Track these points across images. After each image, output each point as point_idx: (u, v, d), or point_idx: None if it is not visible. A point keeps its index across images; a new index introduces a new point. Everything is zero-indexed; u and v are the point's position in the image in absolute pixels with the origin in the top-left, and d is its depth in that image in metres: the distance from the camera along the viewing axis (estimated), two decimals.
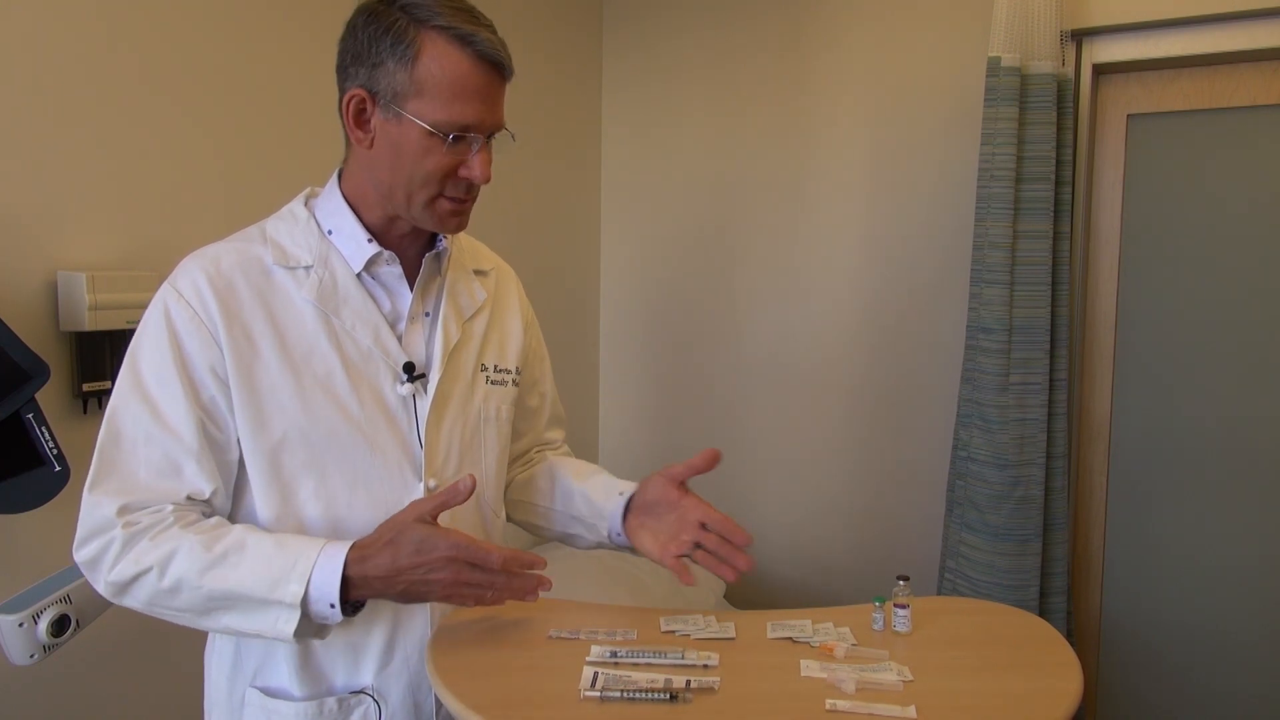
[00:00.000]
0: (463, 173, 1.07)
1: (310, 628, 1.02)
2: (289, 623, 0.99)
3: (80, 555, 1.03)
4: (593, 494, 1.29)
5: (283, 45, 1.85)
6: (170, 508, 1.03)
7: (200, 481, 1.04)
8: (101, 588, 1.03)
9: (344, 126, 1.09)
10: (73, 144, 1.51)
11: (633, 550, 1.25)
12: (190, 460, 1.03)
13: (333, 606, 0.99)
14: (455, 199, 1.09)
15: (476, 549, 1.01)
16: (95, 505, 1.01)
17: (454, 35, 1.02)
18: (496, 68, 1.05)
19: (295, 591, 0.98)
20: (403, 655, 1.12)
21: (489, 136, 1.08)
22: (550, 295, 2.62)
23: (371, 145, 1.07)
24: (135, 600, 1.02)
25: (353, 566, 0.99)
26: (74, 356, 1.52)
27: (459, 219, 1.12)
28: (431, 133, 1.03)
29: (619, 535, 1.26)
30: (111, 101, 1.56)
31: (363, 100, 1.05)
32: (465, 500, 1.03)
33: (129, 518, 1.01)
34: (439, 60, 1.02)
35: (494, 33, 1.06)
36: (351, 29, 1.07)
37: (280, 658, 1.10)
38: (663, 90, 2.75)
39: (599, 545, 1.31)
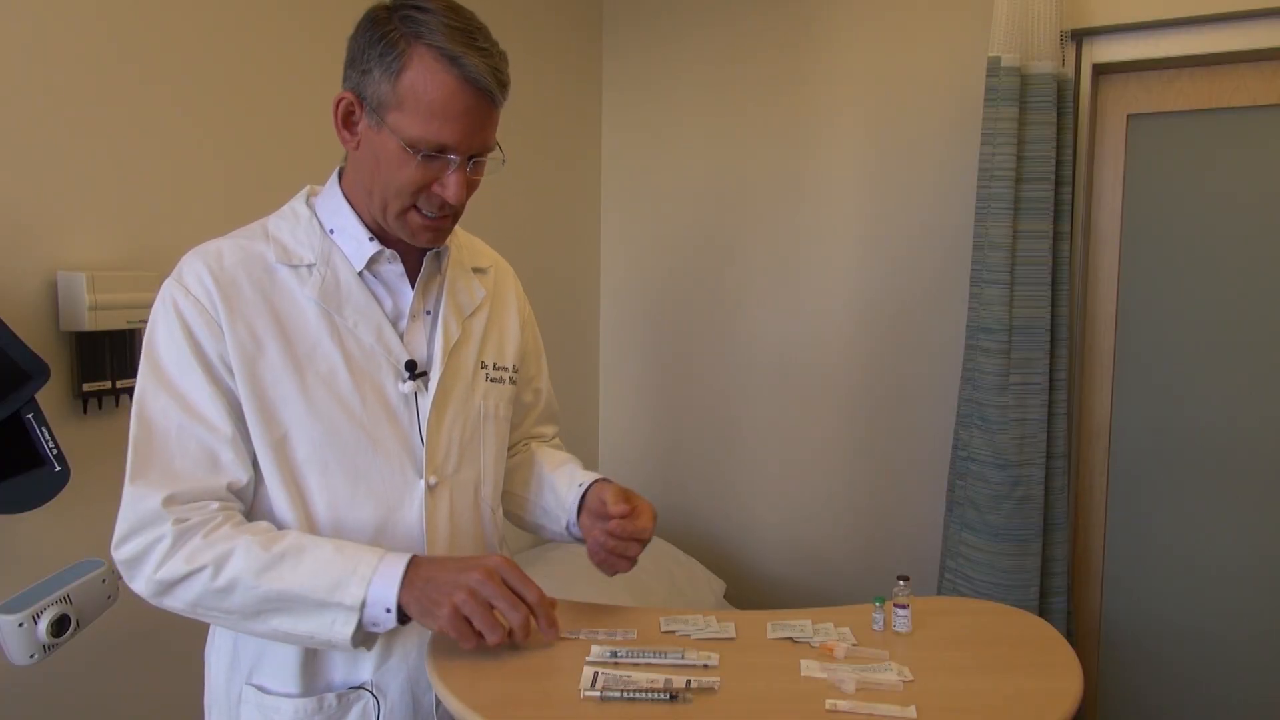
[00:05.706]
0: (436, 189, 1.06)
1: (360, 635, 1.01)
2: (347, 624, 0.98)
3: (121, 553, 1.01)
4: (558, 484, 1.30)
5: (283, 46, 1.85)
6: (216, 505, 1.02)
7: (237, 469, 1.04)
8: (142, 585, 1.01)
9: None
10: (73, 144, 1.51)
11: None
12: (226, 447, 1.03)
13: (388, 611, 0.99)
14: (427, 215, 1.08)
15: (521, 574, 1.04)
16: (139, 498, 1.00)
17: (442, 54, 1.00)
18: (484, 93, 1.03)
19: (356, 594, 0.98)
20: (401, 651, 1.12)
21: (471, 159, 1.06)
22: (550, 295, 2.62)
23: (358, 148, 1.08)
24: (179, 600, 1.01)
25: (411, 568, 1.00)
26: (74, 356, 1.52)
27: (431, 234, 1.11)
28: (406, 148, 1.02)
29: (574, 527, 1.27)
30: (112, 102, 1.56)
31: (351, 104, 1.06)
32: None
33: (178, 513, 1.00)
34: (423, 77, 1.01)
35: (490, 56, 1.03)
36: (355, 31, 1.07)
37: (279, 654, 1.09)
38: (663, 90, 2.75)
39: (560, 536, 1.32)
